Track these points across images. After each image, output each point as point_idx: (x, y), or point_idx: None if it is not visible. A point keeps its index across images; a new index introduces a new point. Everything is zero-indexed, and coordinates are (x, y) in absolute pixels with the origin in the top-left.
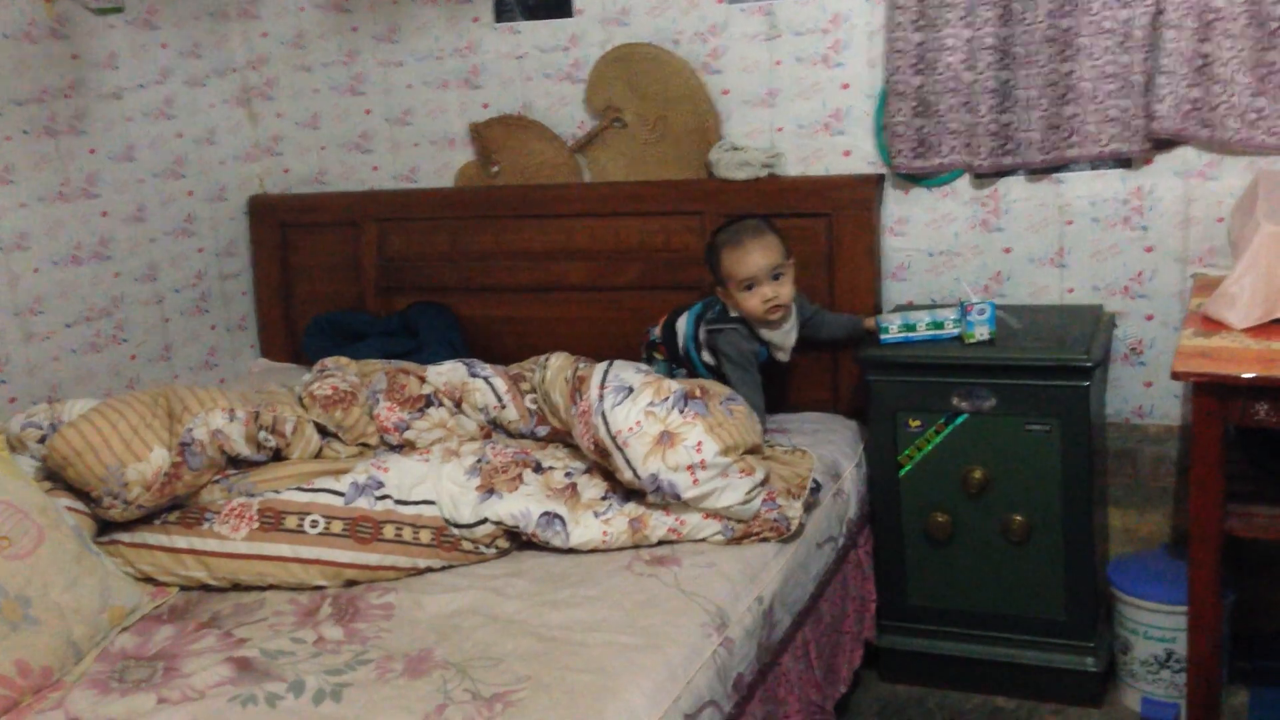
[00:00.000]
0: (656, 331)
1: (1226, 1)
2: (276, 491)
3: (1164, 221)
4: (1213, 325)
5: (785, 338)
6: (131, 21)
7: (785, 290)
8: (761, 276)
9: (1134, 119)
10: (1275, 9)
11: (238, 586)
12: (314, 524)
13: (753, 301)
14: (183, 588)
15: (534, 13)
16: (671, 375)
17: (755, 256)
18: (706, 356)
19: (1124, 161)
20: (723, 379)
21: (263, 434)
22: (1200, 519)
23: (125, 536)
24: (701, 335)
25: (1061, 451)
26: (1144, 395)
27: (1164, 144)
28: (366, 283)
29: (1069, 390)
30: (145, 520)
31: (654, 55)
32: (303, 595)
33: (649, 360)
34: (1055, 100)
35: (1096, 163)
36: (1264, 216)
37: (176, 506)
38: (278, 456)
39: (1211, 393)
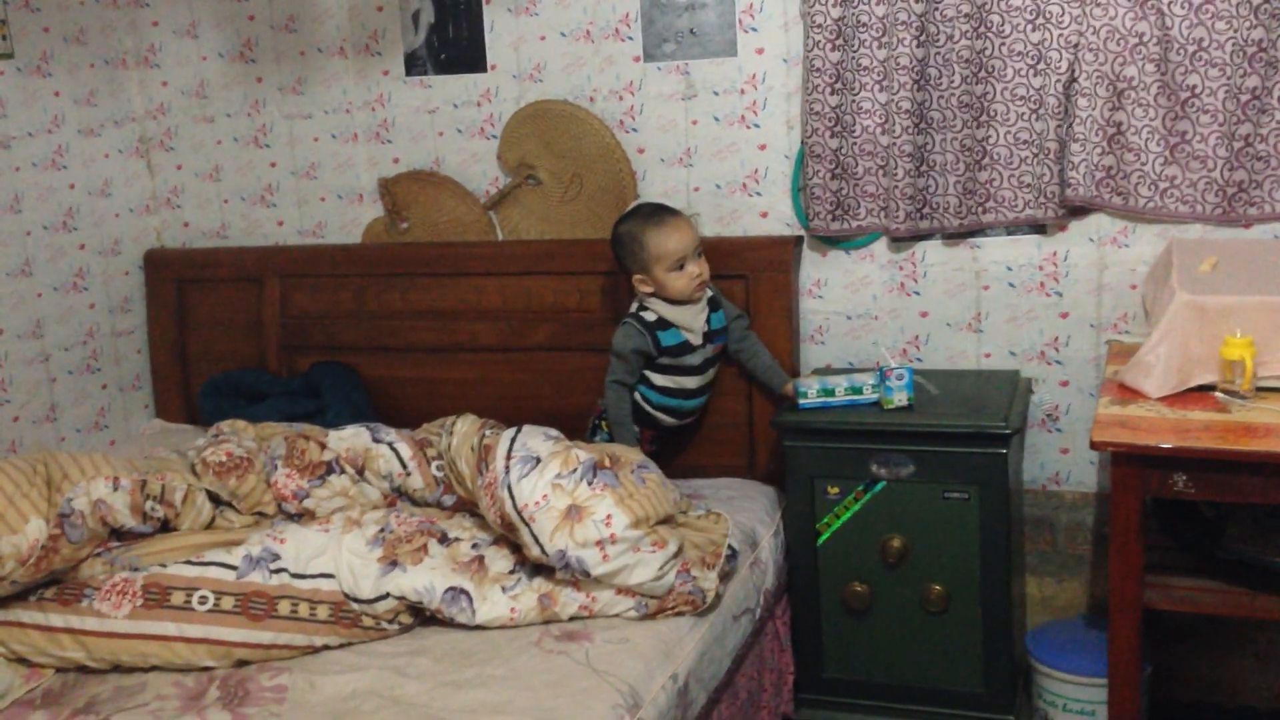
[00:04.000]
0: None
1: (1138, 71)
2: (163, 565)
3: (1078, 288)
4: (1129, 393)
5: (695, 318)
6: (22, 68)
7: (706, 267)
8: (690, 253)
9: (1048, 185)
10: (1186, 79)
11: (118, 668)
12: (203, 600)
13: (682, 281)
14: (59, 669)
15: (446, 67)
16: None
17: (684, 232)
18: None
19: (1039, 227)
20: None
21: (149, 504)
22: (1119, 591)
23: None
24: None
25: (980, 519)
26: (1060, 462)
27: (1078, 211)
28: (268, 341)
29: (988, 457)
30: (19, 596)
31: (569, 112)
32: (188, 677)
33: (593, 432)
34: (971, 165)
35: (1012, 228)
36: (1179, 285)
37: (54, 582)
38: (166, 528)
39: (1130, 463)
